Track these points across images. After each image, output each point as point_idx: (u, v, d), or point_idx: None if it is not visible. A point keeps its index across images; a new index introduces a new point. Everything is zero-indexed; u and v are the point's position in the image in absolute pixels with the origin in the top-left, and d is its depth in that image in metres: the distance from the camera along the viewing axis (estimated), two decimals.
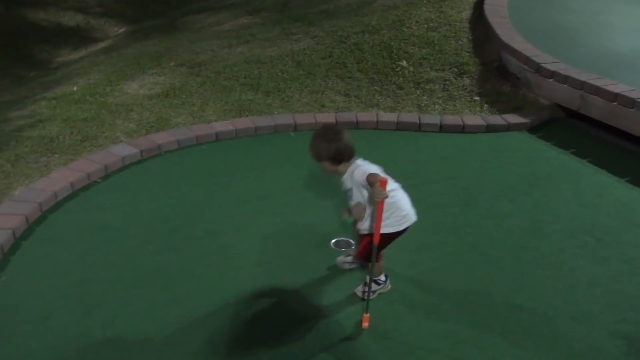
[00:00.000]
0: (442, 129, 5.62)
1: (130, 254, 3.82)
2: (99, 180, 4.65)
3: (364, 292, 3.46)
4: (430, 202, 4.39)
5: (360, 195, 3.20)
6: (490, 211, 4.35)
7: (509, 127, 5.65)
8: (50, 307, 3.35)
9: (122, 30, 10.36)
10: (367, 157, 3.21)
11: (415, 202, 4.39)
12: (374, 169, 3.13)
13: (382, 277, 3.49)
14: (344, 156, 3.18)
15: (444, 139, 5.49)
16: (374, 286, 3.44)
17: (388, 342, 3.12)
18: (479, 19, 7.29)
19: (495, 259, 3.80)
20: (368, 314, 3.19)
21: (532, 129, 5.67)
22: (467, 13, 7.43)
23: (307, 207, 4.36)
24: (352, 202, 3.28)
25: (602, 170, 4.90)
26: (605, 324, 3.27)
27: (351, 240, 3.86)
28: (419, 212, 4.26)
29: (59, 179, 4.49)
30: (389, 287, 3.51)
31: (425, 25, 7.16)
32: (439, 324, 3.26)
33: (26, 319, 3.26)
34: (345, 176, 3.25)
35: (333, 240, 3.88)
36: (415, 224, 3.98)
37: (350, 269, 3.66)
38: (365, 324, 3.18)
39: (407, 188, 4.57)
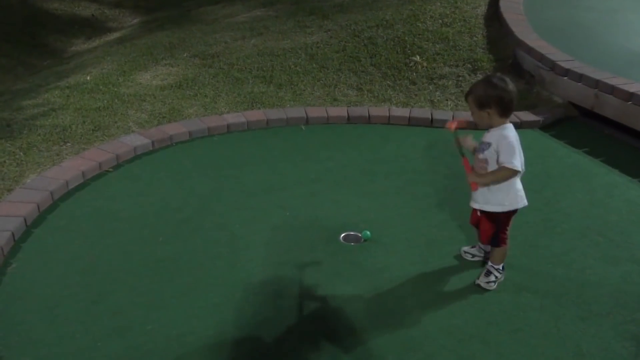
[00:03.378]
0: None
1: (140, 243, 3.84)
2: (111, 169, 4.68)
3: (488, 282, 3.47)
4: (440, 198, 4.39)
5: (491, 155, 3.20)
6: None
7: (521, 125, 5.62)
8: (60, 295, 3.37)
9: (135, 20, 10.41)
10: (378, 152, 3.22)
11: (425, 198, 4.41)
12: (517, 151, 3.13)
13: (501, 265, 3.48)
14: (512, 109, 3.17)
15: (456, 135, 5.45)
16: (494, 274, 3.47)
17: (395, 337, 3.11)
18: (494, 15, 7.26)
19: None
20: None
21: (545, 127, 5.64)
22: (482, 9, 7.40)
23: (317, 200, 4.36)
24: (481, 155, 3.26)
25: (615, 169, 4.87)
26: (614, 324, 3.25)
27: (360, 235, 3.86)
28: (430, 208, 4.28)
29: (71, 167, 4.52)
30: (503, 278, 3.52)
31: (440, 21, 7.14)
32: (446, 320, 3.25)
33: (36, 306, 3.28)
34: (494, 131, 3.21)
35: (342, 235, 3.89)
36: (425, 220, 4.00)
37: (472, 259, 3.70)
38: None
39: (417, 183, 4.60)
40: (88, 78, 6.51)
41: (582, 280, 3.60)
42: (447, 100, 6.00)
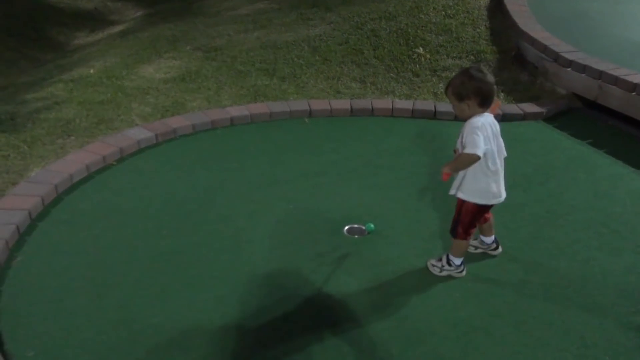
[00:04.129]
0: (458, 117, 5.56)
1: (144, 237, 3.84)
2: (114, 163, 4.68)
3: (433, 265, 3.52)
4: (444, 191, 4.35)
5: (460, 144, 3.22)
6: (504, 201, 4.31)
7: (525, 117, 5.61)
8: (66, 288, 3.38)
9: (138, 13, 10.39)
10: (382, 144, 3.20)
11: (429, 190, 4.40)
12: (479, 137, 3.08)
13: (459, 261, 3.48)
14: (491, 99, 3.15)
15: (459, 127, 5.44)
16: (446, 267, 3.49)
17: (398, 330, 3.12)
18: (497, 6, 7.24)
19: (508, 248, 3.78)
20: None
21: (549, 119, 5.62)
22: (485, 1, 7.39)
23: (320, 193, 4.36)
24: (455, 146, 3.30)
25: (619, 161, 4.85)
26: (619, 316, 3.25)
27: (364, 227, 3.86)
28: (434, 201, 4.28)
29: (75, 161, 4.52)
30: (464, 273, 3.51)
31: (443, 13, 7.12)
32: (451, 312, 3.25)
33: (42, 299, 3.29)
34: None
35: (346, 227, 3.88)
36: (429, 212, 3.99)
37: (475, 252, 3.70)
38: None
39: (421, 176, 4.59)
40: (91, 71, 6.50)
41: (586, 272, 3.59)
42: None
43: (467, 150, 3.09)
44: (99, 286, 3.40)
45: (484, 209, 3.36)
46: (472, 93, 3.10)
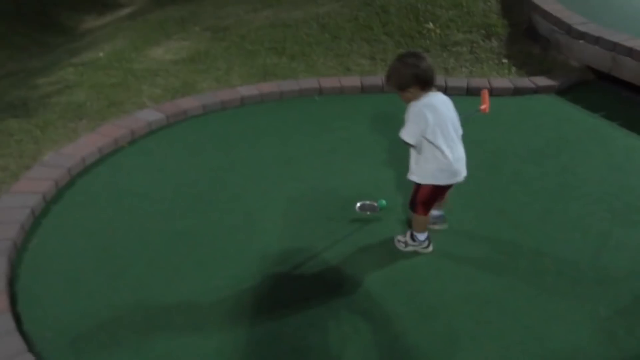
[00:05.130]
0: (469, 92, 5.54)
1: (157, 218, 3.87)
2: (126, 145, 4.70)
3: (399, 241, 3.53)
4: None
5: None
6: (517, 175, 4.31)
7: (537, 90, 5.56)
8: (81, 270, 3.42)
9: None
10: (392, 120, 3.20)
11: None
12: (411, 122, 3.14)
13: (422, 236, 3.47)
14: (430, 81, 3.15)
15: (470, 102, 5.40)
16: (410, 242, 3.49)
17: (412, 305, 3.13)
18: None
19: (521, 222, 3.78)
20: None
21: (561, 92, 5.57)
22: None
23: (331, 171, 4.36)
24: None
25: (633, 133, 4.81)
26: (632, 288, 3.24)
27: (375, 204, 3.86)
28: None
29: (87, 144, 4.54)
30: (430, 249, 3.51)
31: None
32: (463, 286, 3.26)
33: (57, 281, 3.33)
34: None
35: (358, 204, 3.88)
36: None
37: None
38: None
39: None
40: (101, 55, 6.50)
41: (599, 245, 3.58)
42: (461, 67, 5.94)
43: (400, 134, 3.17)
44: (114, 267, 3.43)
45: (441, 188, 3.32)
46: (412, 80, 3.10)
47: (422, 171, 3.25)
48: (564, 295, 3.20)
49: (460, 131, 3.27)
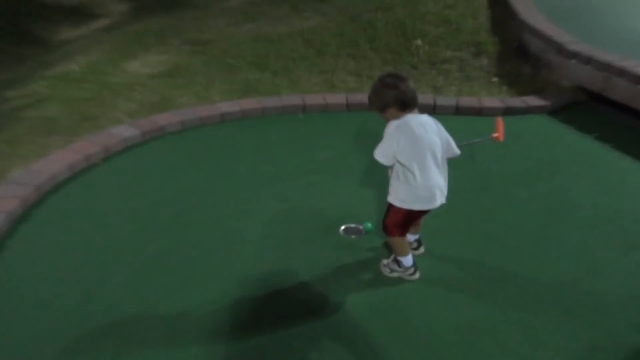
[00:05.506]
0: (458, 111, 5.56)
1: (131, 239, 3.80)
2: (100, 162, 4.63)
3: (384, 265, 3.50)
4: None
5: None
6: (507, 197, 4.30)
7: (528, 110, 5.58)
8: (50, 293, 3.33)
9: (124, 7, 10.31)
10: (379, 139, 3.17)
11: None
12: (386, 143, 3.15)
13: (407, 261, 3.42)
14: (410, 103, 3.14)
15: (460, 121, 5.43)
16: (395, 267, 3.45)
17: (398, 334, 3.08)
18: None
19: (512, 247, 3.76)
20: None
21: (553, 112, 5.60)
22: None
23: (315, 192, 4.32)
24: None
25: (627, 155, 4.83)
26: (628, 317, 3.22)
27: (361, 227, 3.82)
28: None
29: (58, 160, 4.47)
30: (417, 276, 3.46)
31: (442, 3, 7.09)
32: (453, 315, 3.22)
33: (26, 305, 3.25)
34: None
35: (342, 227, 3.85)
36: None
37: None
38: None
39: None
40: (75, 67, 6.44)
41: (593, 271, 3.56)
42: (450, 85, 5.95)
43: (374, 153, 3.20)
44: (85, 291, 3.35)
45: (412, 212, 3.25)
46: (391, 101, 3.11)
47: (394, 193, 3.24)
48: (558, 325, 3.16)
49: (447, 154, 3.24)
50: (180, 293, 3.35)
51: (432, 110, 5.57)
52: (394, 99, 3.10)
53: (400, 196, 3.20)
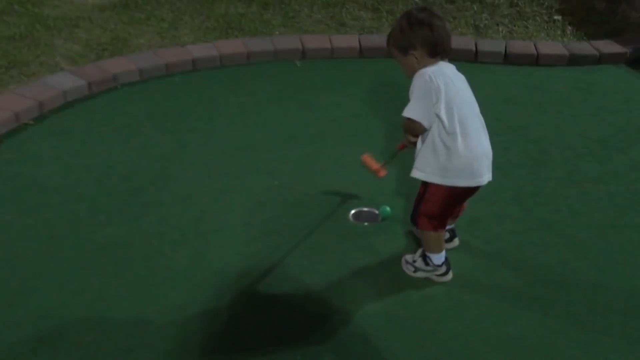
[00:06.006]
0: (508, 59, 5.57)
1: (74, 223, 3.83)
2: (32, 122, 4.66)
3: (407, 262, 3.53)
4: None
5: None
6: (571, 175, 4.32)
7: (601, 59, 5.58)
8: None
9: None
10: (400, 97, 3.18)
11: None
12: (418, 96, 3.14)
13: (438, 259, 3.42)
14: (443, 45, 3.16)
15: (509, 73, 5.44)
16: (421, 265, 3.47)
17: (424, 351, 3.11)
18: None
19: (576, 240, 3.79)
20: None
21: (634, 62, 5.60)
22: None
23: (317, 164, 4.36)
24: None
25: None
26: None
27: (376, 211, 3.84)
28: None
29: None
30: (449, 277, 3.49)
31: None
32: (495, 327, 3.25)
33: None
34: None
35: (352, 211, 3.88)
36: None
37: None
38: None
39: None
40: None
41: None
42: (497, 25, 5.96)
43: (403, 113, 3.18)
44: (12, 292, 3.38)
45: (456, 193, 3.26)
46: (419, 42, 3.12)
47: (429, 166, 3.20)
48: (633, 340, 3.19)
49: (476, 112, 3.26)
50: (138, 296, 3.38)
51: (473, 57, 5.57)
52: (424, 39, 3.10)
53: (437, 169, 3.17)
